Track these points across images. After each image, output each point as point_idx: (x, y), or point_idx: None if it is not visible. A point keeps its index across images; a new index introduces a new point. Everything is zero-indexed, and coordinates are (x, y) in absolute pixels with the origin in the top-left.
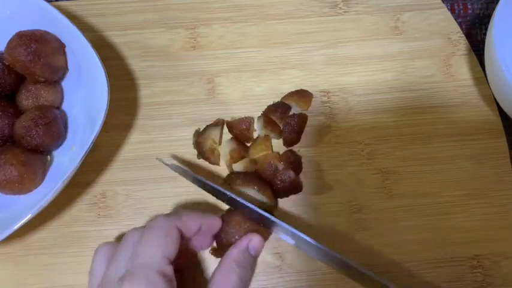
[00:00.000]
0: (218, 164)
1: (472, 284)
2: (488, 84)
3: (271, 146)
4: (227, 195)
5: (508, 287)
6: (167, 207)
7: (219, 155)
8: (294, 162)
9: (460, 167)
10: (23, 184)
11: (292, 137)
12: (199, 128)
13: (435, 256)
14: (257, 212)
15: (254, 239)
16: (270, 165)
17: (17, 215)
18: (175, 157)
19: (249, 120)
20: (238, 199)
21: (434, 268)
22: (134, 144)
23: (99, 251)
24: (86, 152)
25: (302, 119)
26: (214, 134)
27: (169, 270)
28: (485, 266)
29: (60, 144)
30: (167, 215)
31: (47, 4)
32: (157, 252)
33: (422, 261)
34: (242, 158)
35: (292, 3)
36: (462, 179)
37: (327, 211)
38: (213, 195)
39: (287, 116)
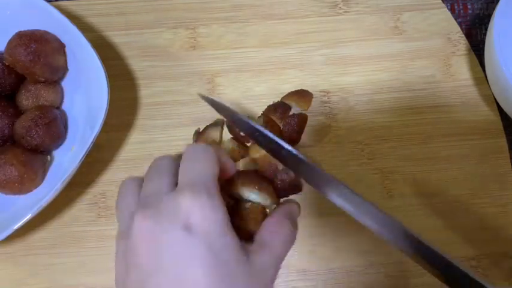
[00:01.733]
0: None
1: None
2: (488, 84)
3: None
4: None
5: (508, 287)
6: None
7: None
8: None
9: (460, 167)
10: (23, 184)
11: (292, 137)
12: (199, 128)
13: None
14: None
15: (293, 205)
16: (270, 164)
17: (17, 215)
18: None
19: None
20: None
21: None
22: (134, 144)
23: (127, 183)
24: (86, 152)
25: (302, 119)
26: (214, 134)
27: (218, 187)
28: (485, 266)
29: (60, 144)
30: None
31: (47, 4)
32: (209, 169)
33: None
34: (242, 157)
35: (292, 3)
36: (462, 179)
37: (327, 211)
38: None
39: (287, 116)
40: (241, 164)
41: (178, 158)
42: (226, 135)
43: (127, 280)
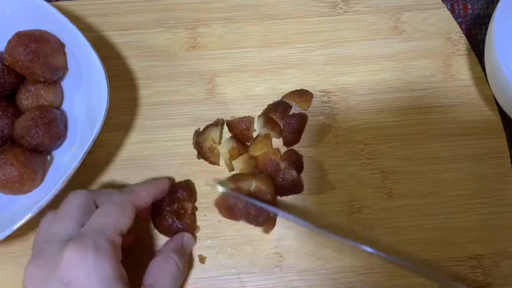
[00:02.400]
0: (218, 164)
1: (472, 284)
2: (488, 84)
3: (271, 145)
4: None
5: (508, 287)
6: None
7: (219, 155)
8: (296, 162)
9: (460, 167)
10: (23, 184)
11: (292, 137)
12: (199, 128)
13: (435, 256)
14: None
15: (186, 236)
16: (271, 162)
17: (17, 215)
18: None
19: (249, 120)
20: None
21: (435, 268)
22: (134, 144)
23: (43, 220)
24: (85, 152)
25: (302, 118)
26: (214, 134)
27: (118, 240)
28: (485, 266)
29: (60, 144)
30: (122, 193)
31: (47, 4)
32: (111, 222)
33: (422, 261)
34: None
35: (292, 3)
36: (462, 179)
37: (327, 211)
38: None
39: (287, 116)
40: (240, 161)
41: (93, 194)
42: (226, 135)
43: None
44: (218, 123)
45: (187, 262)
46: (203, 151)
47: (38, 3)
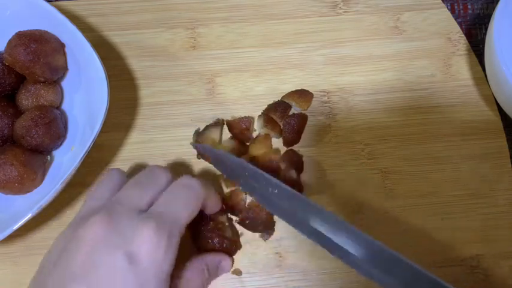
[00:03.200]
0: None
1: (472, 284)
2: (488, 84)
3: (271, 145)
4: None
5: (508, 287)
6: None
7: None
8: (296, 162)
9: (460, 167)
10: (23, 184)
11: (292, 137)
12: (199, 128)
13: (435, 256)
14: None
15: (227, 260)
16: (270, 162)
17: (17, 215)
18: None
19: (249, 120)
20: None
21: (435, 268)
22: (134, 144)
23: (114, 174)
24: (85, 152)
25: (302, 118)
26: (214, 133)
27: (184, 233)
28: (485, 266)
29: (60, 144)
30: (202, 183)
31: (47, 4)
32: (186, 213)
33: (422, 261)
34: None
35: (291, 3)
36: (462, 179)
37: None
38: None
39: (287, 116)
40: None
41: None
42: (226, 134)
43: (49, 275)
44: (218, 123)
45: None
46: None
47: (38, 3)
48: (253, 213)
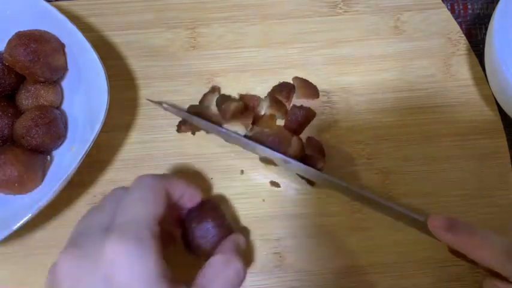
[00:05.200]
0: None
1: (472, 284)
2: (488, 84)
3: (275, 125)
4: (221, 131)
5: None
6: None
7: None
8: (318, 147)
9: (460, 167)
10: (23, 184)
11: (293, 127)
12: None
13: (435, 256)
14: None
15: (241, 237)
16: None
17: (17, 215)
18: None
19: (258, 100)
20: (235, 134)
21: (434, 268)
22: (134, 144)
23: (90, 212)
24: (85, 152)
25: (309, 113)
26: (212, 100)
27: (158, 230)
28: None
29: (60, 144)
30: (155, 175)
31: (47, 4)
32: (147, 210)
33: (422, 261)
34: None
35: (291, 3)
36: (462, 179)
37: (327, 211)
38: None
39: (295, 106)
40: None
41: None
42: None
43: None
44: (215, 90)
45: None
46: (205, 118)
47: (38, 3)
48: (279, 139)
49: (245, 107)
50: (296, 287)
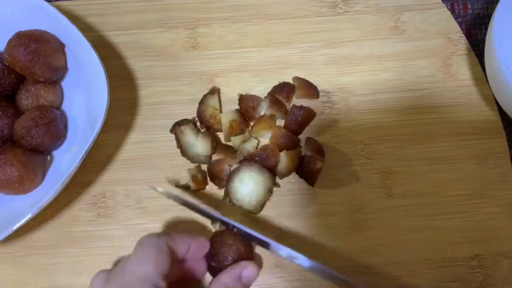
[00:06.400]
0: (221, 131)
1: (472, 284)
2: (488, 84)
3: (275, 126)
4: (219, 218)
5: (508, 287)
6: (166, 206)
7: (220, 121)
8: (317, 147)
9: (460, 167)
10: (23, 184)
11: (293, 127)
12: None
13: (435, 256)
14: (251, 235)
15: (249, 268)
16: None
17: (17, 215)
18: (170, 182)
19: (258, 100)
20: (230, 222)
21: (434, 268)
22: (134, 144)
23: (95, 277)
24: (85, 152)
25: (308, 113)
26: (213, 101)
27: (163, 285)
28: (485, 266)
29: (60, 144)
30: (157, 234)
31: (47, 4)
32: (151, 267)
33: (422, 261)
34: (241, 131)
35: (292, 3)
36: (462, 179)
37: (327, 211)
38: (206, 217)
39: (295, 106)
40: (239, 139)
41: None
42: (225, 108)
43: None
44: (215, 91)
45: None
46: (206, 119)
47: (38, 3)
48: (266, 154)
49: (242, 113)
50: (296, 287)
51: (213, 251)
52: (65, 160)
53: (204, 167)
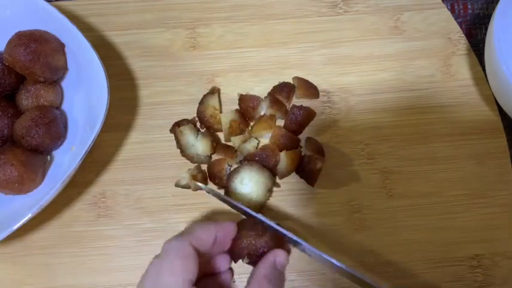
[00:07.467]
0: (221, 131)
1: (472, 284)
2: (488, 84)
3: (275, 125)
4: (258, 218)
5: (508, 287)
6: (166, 206)
7: (220, 121)
8: (317, 147)
9: (460, 167)
10: (23, 184)
11: (293, 127)
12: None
13: (435, 256)
14: (286, 235)
15: (280, 254)
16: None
17: (17, 214)
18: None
19: (258, 100)
20: (267, 221)
21: (434, 268)
22: (134, 144)
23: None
24: (85, 151)
25: (308, 113)
26: (213, 101)
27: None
28: (485, 266)
29: (60, 144)
30: (179, 236)
31: (47, 4)
32: (178, 278)
33: (422, 261)
34: (241, 131)
35: (291, 3)
36: (462, 179)
37: (327, 211)
38: (245, 216)
39: (294, 106)
40: (239, 139)
41: None
42: (226, 107)
43: None
44: (215, 91)
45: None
46: (206, 119)
47: (38, 3)
48: (266, 154)
49: (242, 113)
50: (296, 287)
51: (245, 240)
52: (65, 160)
53: (204, 167)
